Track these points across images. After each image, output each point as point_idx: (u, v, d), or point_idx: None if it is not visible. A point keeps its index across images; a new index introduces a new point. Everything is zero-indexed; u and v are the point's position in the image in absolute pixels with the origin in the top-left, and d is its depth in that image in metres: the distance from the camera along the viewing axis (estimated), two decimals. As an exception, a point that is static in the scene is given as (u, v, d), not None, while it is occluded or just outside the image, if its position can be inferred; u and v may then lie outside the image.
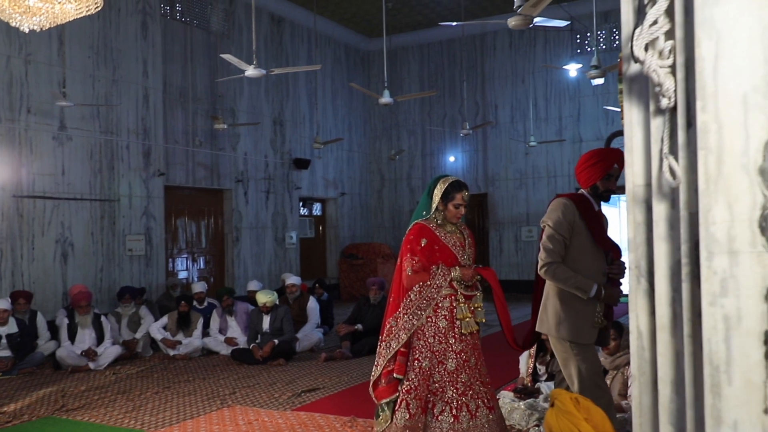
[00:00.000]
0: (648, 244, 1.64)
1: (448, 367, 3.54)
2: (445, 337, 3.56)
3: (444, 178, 3.72)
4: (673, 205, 1.55)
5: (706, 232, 1.41)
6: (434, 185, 3.69)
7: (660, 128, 1.56)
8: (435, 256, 3.61)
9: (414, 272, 3.59)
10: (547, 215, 3.39)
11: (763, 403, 1.37)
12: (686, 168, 1.49)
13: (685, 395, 1.52)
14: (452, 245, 3.65)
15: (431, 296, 3.57)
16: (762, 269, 1.37)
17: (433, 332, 3.56)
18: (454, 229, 3.71)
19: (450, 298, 3.58)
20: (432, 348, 3.55)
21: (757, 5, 1.36)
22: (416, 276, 3.59)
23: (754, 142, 1.37)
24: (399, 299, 3.65)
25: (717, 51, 1.40)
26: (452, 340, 3.55)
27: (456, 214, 3.64)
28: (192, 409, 5.12)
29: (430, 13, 12.73)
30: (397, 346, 3.59)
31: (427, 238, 3.62)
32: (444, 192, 3.63)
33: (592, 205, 3.42)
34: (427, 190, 3.73)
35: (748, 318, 1.38)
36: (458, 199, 3.61)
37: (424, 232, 3.64)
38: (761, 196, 1.36)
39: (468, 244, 3.72)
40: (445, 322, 3.56)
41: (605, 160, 3.36)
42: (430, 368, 3.54)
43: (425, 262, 3.60)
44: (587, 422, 1.86)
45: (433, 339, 3.56)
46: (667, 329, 1.58)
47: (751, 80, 1.37)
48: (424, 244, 3.61)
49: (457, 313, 3.56)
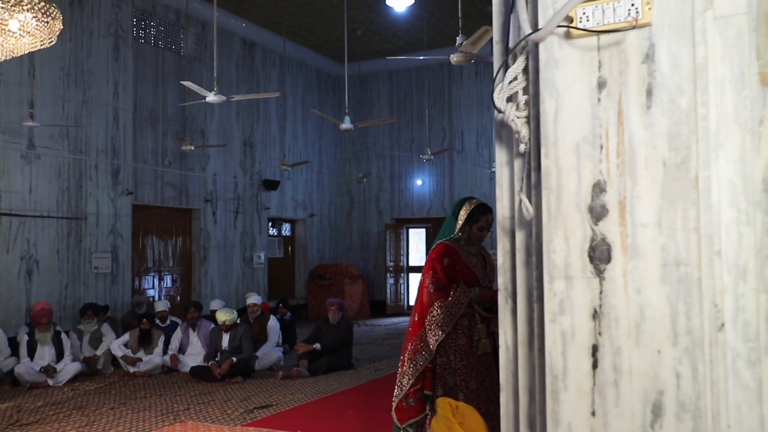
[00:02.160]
0: (513, 269, 1.88)
1: (470, 386, 3.55)
2: (466, 355, 3.57)
3: (469, 200, 3.79)
4: (529, 236, 1.79)
5: (548, 259, 1.65)
6: (459, 207, 3.76)
7: (519, 169, 1.81)
8: (457, 276, 3.65)
9: (436, 289, 3.63)
10: None
11: (590, 407, 1.60)
12: (536, 204, 1.73)
13: (537, 402, 1.75)
14: (473, 266, 3.71)
15: (452, 313, 3.58)
16: (590, 292, 1.61)
17: (454, 350, 3.58)
18: (476, 251, 3.79)
19: (468, 317, 3.62)
20: (453, 365, 3.56)
21: (586, 70, 1.62)
22: (437, 293, 3.63)
23: (585, 184, 1.62)
24: (423, 317, 3.65)
25: (557, 107, 1.65)
26: (472, 359, 3.57)
27: (480, 236, 3.71)
28: (145, 425, 5.24)
29: (398, 41, 13.08)
30: (424, 363, 3.58)
31: (449, 258, 3.68)
32: (469, 214, 3.70)
33: None
34: (453, 212, 3.79)
35: (579, 334, 1.62)
36: (483, 221, 3.69)
37: (448, 252, 3.70)
38: (590, 230, 1.61)
39: (488, 266, 3.77)
40: (464, 340, 3.58)
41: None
42: (454, 386, 3.53)
43: (446, 281, 3.64)
44: (461, 426, 2.07)
45: (454, 356, 3.57)
46: (525, 344, 1.81)
47: (581, 132, 1.62)
48: (446, 263, 3.66)
49: (474, 334, 3.59)
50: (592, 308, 1.61)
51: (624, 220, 1.59)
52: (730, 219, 1.57)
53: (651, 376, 1.56)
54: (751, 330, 1.56)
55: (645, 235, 1.57)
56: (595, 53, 1.62)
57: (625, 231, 1.59)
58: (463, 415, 2.13)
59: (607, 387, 1.59)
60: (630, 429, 1.57)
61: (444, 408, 2.16)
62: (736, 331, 1.56)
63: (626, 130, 1.59)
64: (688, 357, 1.53)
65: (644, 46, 1.58)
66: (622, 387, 1.58)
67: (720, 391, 1.55)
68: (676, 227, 1.55)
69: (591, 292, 1.61)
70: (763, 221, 1.57)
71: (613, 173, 1.60)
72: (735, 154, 1.57)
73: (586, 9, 1.59)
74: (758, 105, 1.58)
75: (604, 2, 1.58)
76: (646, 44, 1.58)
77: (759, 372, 1.56)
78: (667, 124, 1.56)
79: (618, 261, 1.59)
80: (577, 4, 1.60)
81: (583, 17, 1.60)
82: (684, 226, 1.54)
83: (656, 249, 1.56)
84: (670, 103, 1.55)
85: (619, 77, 1.60)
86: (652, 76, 1.57)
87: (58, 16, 3.33)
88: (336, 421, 5.29)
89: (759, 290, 1.56)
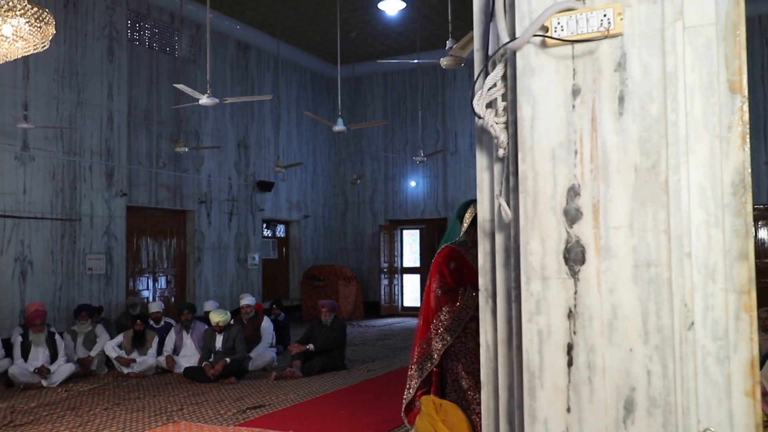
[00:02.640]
0: (492, 270, 1.93)
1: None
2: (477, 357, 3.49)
3: (474, 203, 3.70)
4: (508, 238, 1.85)
5: (525, 261, 1.71)
6: (464, 210, 3.75)
7: (499, 173, 1.86)
8: (464, 279, 3.63)
9: (443, 293, 3.62)
10: None
11: (566, 403, 1.66)
12: (515, 207, 1.79)
13: (515, 399, 1.81)
14: None
15: (461, 318, 3.57)
16: (566, 292, 1.66)
17: (464, 353, 3.56)
18: None
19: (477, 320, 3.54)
20: (466, 369, 3.53)
21: (561, 78, 1.68)
22: (445, 297, 3.61)
23: (560, 188, 1.67)
24: (429, 321, 3.64)
25: (533, 113, 1.71)
26: None
27: None
28: (138, 425, 5.28)
29: (392, 43, 13.14)
30: (430, 367, 3.58)
31: (456, 261, 3.66)
32: (474, 217, 3.63)
33: None
34: (457, 214, 3.77)
35: (555, 333, 1.67)
36: None
37: (454, 255, 3.68)
38: (565, 232, 1.67)
39: None
40: (473, 343, 3.53)
41: None
42: (468, 389, 3.48)
43: (453, 284, 3.63)
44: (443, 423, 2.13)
45: (465, 359, 3.55)
46: (505, 343, 1.87)
47: (557, 138, 1.68)
48: (452, 267, 3.65)
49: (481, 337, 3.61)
50: (567, 308, 1.67)
51: (597, 222, 1.65)
52: (699, 221, 1.63)
53: (623, 373, 1.61)
54: (720, 328, 1.62)
55: (617, 237, 1.63)
56: (570, 62, 1.68)
57: (598, 233, 1.65)
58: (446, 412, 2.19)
59: (581, 384, 1.65)
60: (603, 424, 1.63)
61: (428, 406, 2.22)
62: (705, 330, 1.62)
63: (599, 135, 1.65)
64: (659, 354, 1.59)
65: (616, 55, 1.64)
66: (596, 384, 1.64)
67: (690, 387, 1.61)
68: (647, 229, 1.60)
69: (566, 292, 1.67)
70: (732, 223, 1.63)
71: (587, 177, 1.66)
72: (704, 159, 1.63)
73: (561, 19, 1.65)
74: (727, 111, 1.64)
75: (578, 13, 1.64)
76: (618, 53, 1.64)
77: (728, 369, 1.62)
78: (638, 130, 1.61)
79: (592, 262, 1.65)
80: (552, 14, 1.66)
81: (558, 27, 1.65)
82: (654, 228, 1.60)
83: (628, 250, 1.62)
84: (641, 110, 1.61)
85: (593, 85, 1.66)
86: (624, 83, 1.63)
87: (51, 21, 3.38)
88: (328, 421, 5.34)
89: (728, 290, 1.62)
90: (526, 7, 1.72)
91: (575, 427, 1.65)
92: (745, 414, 1.61)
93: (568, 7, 1.65)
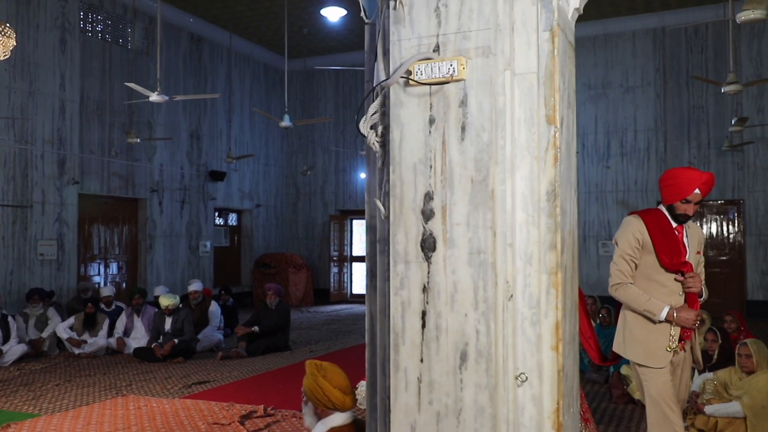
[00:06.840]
0: (374, 256, 2.46)
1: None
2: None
3: None
4: (384, 231, 2.38)
5: (393, 248, 2.24)
6: None
7: (378, 180, 2.39)
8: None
9: None
10: (617, 233, 3.32)
11: (420, 356, 2.19)
12: (387, 207, 2.31)
13: (386, 353, 2.34)
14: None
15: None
16: (421, 272, 2.20)
17: None
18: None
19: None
20: None
21: (421, 110, 2.21)
22: None
23: (419, 194, 2.20)
24: None
25: (401, 135, 2.23)
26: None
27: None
28: (88, 398, 5.68)
29: (343, 39, 13.58)
30: None
31: None
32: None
33: (667, 222, 3.27)
34: None
35: (414, 303, 2.21)
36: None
37: None
38: (422, 227, 2.20)
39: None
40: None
41: (682, 185, 3.20)
42: None
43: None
44: (324, 378, 2.67)
45: None
46: (382, 311, 2.40)
47: (418, 155, 2.21)
48: None
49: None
50: (423, 284, 2.21)
51: (445, 220, 2.19)
52: (522, 220, 2.19)
53: (460, 332, 2.16)
54: (534, 299, 2.18)
55: (458, 231, 2.17)
56: (427, 98, 2.21)
57: (445, 228, 2.18)
58: (326, 370, 2.73)
59: (431, 341, 2.19)
60: (446, 371, 2.17)
61: (310, 367, 2.76)
62: (524, 300, 2.18)
63: (448, 154, 2.18)
64: (485, 318, 2.14)
65: (461, 94, 2.17)
66: (441, 341, 2.18)
67: (509, 343, 2.17)
68: (479, 226, 2.15)
69: (422, 272, 2.21)
70: (546, 222, 2.19)
71: (438, 186, 2.19)
72: (526, 173, 2.19)
73: (421, 66, 2.18)
74: (544, 138, 2.19)
75: (433, 62, 2.17)
76: (461, 93, 2.17)
77: (539, 330, 2.18)
78: (474, 152, 2.16)
79: (440, 250, 2.19)
80: (414, 62, 2.18)
81: (418, 71, 2.18)
82: (484, 225, 2.14)
83: (465, 242, 2.16)
84: (477, 137, 2.15)
85: (444, 116, 2.19)
86: (465, 116, 2.17)
87: (12, 34, 3.73)
88: (267, 394, 5.83)
89: (541, 272, 2.18)
90: (398, 54, 2.24)
91: (426, 373, 2.19)
92: (551, 363, 2.17)
93: (426, 57, 2.18)
